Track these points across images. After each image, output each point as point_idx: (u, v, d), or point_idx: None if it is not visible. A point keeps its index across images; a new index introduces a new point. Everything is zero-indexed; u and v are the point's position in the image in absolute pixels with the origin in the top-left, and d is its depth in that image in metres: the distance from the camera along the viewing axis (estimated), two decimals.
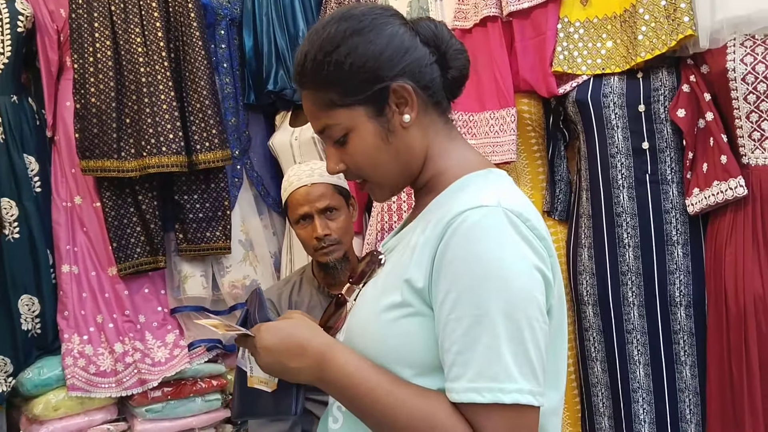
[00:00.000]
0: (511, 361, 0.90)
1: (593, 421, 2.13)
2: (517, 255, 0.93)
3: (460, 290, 0.92)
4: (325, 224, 1.94)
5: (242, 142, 2.73)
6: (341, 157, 1.09)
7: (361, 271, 1.14)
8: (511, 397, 0.89)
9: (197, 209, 2.52)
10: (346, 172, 1.11)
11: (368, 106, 1.04)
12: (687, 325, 1.99)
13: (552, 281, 0.99)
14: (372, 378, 0.97)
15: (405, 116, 1.04)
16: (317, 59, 1.04)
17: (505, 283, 0.91)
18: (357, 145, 1.06)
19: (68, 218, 2.51)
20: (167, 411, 2.47)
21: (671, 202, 1.99)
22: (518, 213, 0.96)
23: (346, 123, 1.05)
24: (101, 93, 2.37)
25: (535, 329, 0.93)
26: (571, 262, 2.17)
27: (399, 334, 0.99)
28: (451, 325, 0.92)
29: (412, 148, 1.07)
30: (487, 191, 1.00)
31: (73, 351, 2.40)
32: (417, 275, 0.97)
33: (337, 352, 1.01)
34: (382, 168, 1.08)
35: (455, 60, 1.09)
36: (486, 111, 2.19)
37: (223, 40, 2.70)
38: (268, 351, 1.02)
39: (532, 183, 2.26)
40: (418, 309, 0.98)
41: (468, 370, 0.91)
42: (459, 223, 0.94)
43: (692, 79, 1.95)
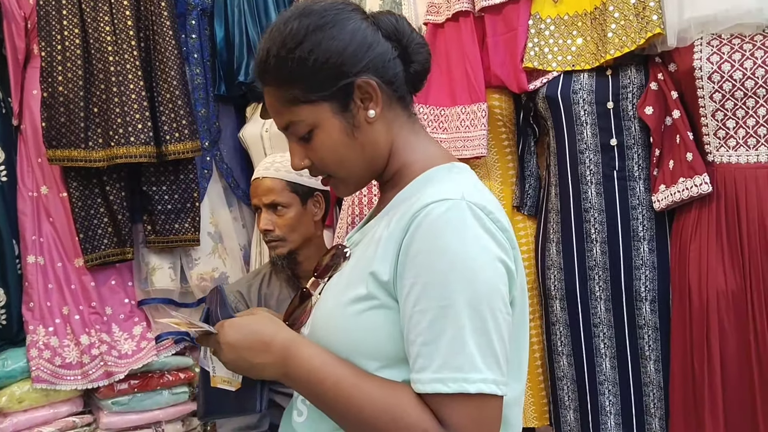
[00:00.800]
0: (476, 351, 0.91)
1: (559, 414, 2.16)
2: (480, 247, 0.94)
3: (425, 283, 0.93)
4: (268, 219, 1.96)
5: (212, 134, 2.71)
6: (306, 153, 1.09)
7: (326, 265, 1.14)
8: (475, 387, 0.91)
9: (166, 200, 2.50)
10: (310, 168, 1.10)
11: (333, 102, 1.04)
12: (651, 320, 2.02)
13: (515, 273, 1.00)
14: (337, 372, 0.98)
15: (370, 111, 1.05)
16: (280, 55, 1.03)
17: (469, 275, 0.92)
18: (322, 142, 1.06)
19: (34, 208, 2.47)
20: (134, 404, 2.46)
21: (638, 198, 2.02)
22: (481, 206, 0.97)
23: (311, 119, 1.05)
24: (69, 81, 2.34)
25: (499, 320, 0.94)
26: (539, 256, 2.19)
27: (364, 327, 1.00)
28: (416, 318, 0.93)
29: (377, 142, 1.08)
30: (450, 184, 1.01)
31: (38, 343, 2.37)
32: (382, 268, 0.98)
33: (301, 346, 1.01)
34: (348, 164, 1.08)
35: (417, 54, 1.09)
36: (457, 106, 2.19)
37: (194, 30, 2.67)
38: (232, 347, 1.02)
39: (502, 178, 2.27)
40: (383, 302, 0.99)
41: (433, 361, 0.92)
42: (423, 216, 0.95)
43: (660, 77, 1.97)
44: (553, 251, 2.13)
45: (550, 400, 2.22)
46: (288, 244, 1.97)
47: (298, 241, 1.98)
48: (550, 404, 2.23)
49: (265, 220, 1.96)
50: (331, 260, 1.14)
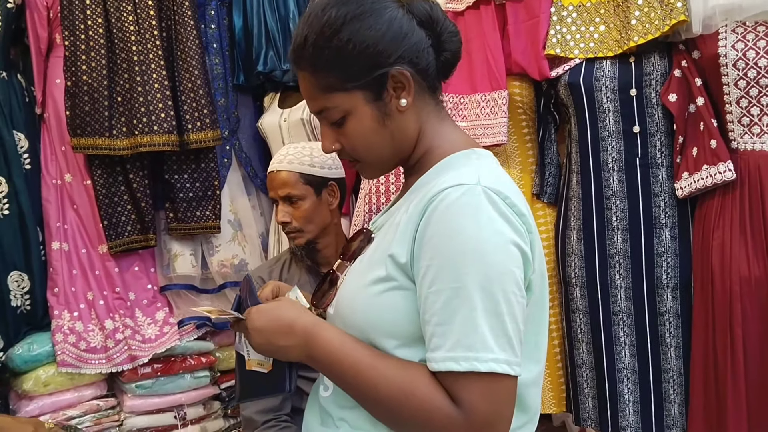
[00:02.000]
0: (488, 331, 0.94)
1: (578, 401, 2.17)
2: (493, 231, 0.96)
3: (440, 265, 0.96)
4: (285, 212, 1.98)
5: (231, 123, 2.72)
6: (337, 137, 1.11)
7: (353, 249, 1.17)
8: (486, 366, 0.93)
9: (187, 188, 2.52)
10: (340, 151, 1.13)
11: (367, 90, 1.06)
12: (673, 307, 2.03)
13: (531, 257, 1.02)
14: (355, 353, 1.02)
15: (402, 101, 1.07)
16: (317, 43, 1.05)
17: (481, 257, 0.95)
18: (354, 128, 1.08)
19: (58, 196, 2.49)
20: (157, 387, 2.49)
21: (660, 185, 2.02)
22: (497, 191, 0.99)
23: (345, 106, 1.07)
24: (92, 71, 2.36)
25: (512, 302, 0.96)
26: (559, 244, 2.20)
27: (383, 307, 1.03)
28: (431, 298, 0.96)
29: (407, 130, 1.10)
30: (468, 170, 1.03)
31: (63, 327, 2.40)
32: (400, 251, 1.01)
33: (321, 330, 1.05)
34: (377, 150, 1.11)
35: (449, 43, 1.11)
36: (477, 93, 2.20)
37: (213, 20, 2.68)
38: (259, 331, 1.07)
39: (521, 166, 2.28)
40: (401, 283, 1.02)
41: (447, 341, 0.95)
42: (439, 200, 0.98)
43: (684, 65, 1.97)
44: (573, 239, 2.13)
45: (569, 386, 2.23)
46: (306, 235, 1.99)
47: (315, 231, 2.00)
48: (568, 391, 2.24)
49: (282, 212, 1.98)
50: (358, 244, 1.17)
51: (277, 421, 1.90)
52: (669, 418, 2.03)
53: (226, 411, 2.70)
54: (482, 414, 0.94)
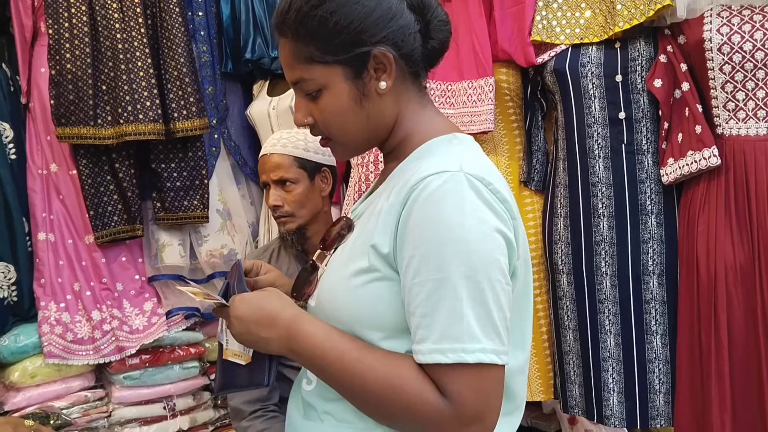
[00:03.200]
0: (474, 322, 0.92)
1: (565, 389, 2.17)
2: (477, 219, 0.94)
3: (423, 255, 0.94)
4: (277, 195, 1.96)
5: (219, 111, 2.71)
6: (311, 110, 1.08)
7: (332, 238, 1.15)
8: (474, 357, 0.91)
9: (174, 178, 2.50)
10: (312, 126, 1.10)
11: (346, 67, 1.03)
12: (659, 293, 2.02)
13: (515, 244, 1.00)
14: (339, 346, 0.99)
15: (381, 83, 1.04)
16: (302, 11, 1.02)
17: (465, 246, 0.93)
18: (329, 104, 1.05)
19: (44, 186, 2.48)
20: (145, 378, 2.48)
21: (646, 171, 2.01)
22: (480, 177, 0.97)
23: (322, 80, 1.04)
24: (77, 59, 2.33)
25: (497, 291, 0.94)
26: (546, 231, 2.19)
27: (367, 299, 1.01)
28: (415, 290, 0.94)
29: (384, 114, 1.07)
30: (449, 156, 1.01)
31: (49, 318, 2.40)
32: (382, 241, 0.99)
33: (304, 322, 1.03)
34: (350, 130, 1.08)
35: (438, 31, 1.08)
36: (464, 80, 2.19)
37: (200, 7, 2.65)
38: (240, 320, 1.05)
39: (509, 153, 2.27)
40: (384, 274, 0.99)
41: (432, 333, 0.93)
42: (421, 189, 0.95)
43: (669, 50, 1.96)
44: (560, 226, 2.13)
45: (557, 374, 2.23)
46: (297, 220, 1.98)
47: (306, 217, 1.99)
48: (556, 378, 2.24)
49: (274, 196, 1.97)
50: (337, 232, 1.14)
51: (264, 411, 1.90)
52: (654, 408, 2.03)
53: (215, 402, 2.70)
54: (471, 405, 0.93)
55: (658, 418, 2.04)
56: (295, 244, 2.04)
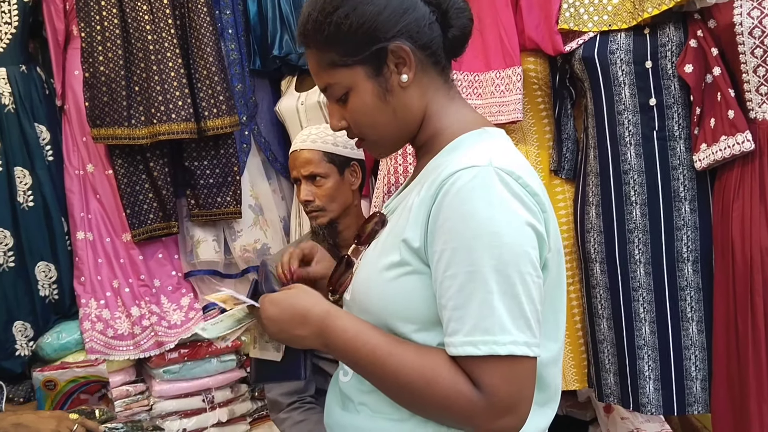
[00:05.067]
0: (505, 314, 0.94)
1: (600, 377, 2.17)
2: (507, 212, 0.96)
3: (454, 248, 0.95)
4: (308, 190, 1.99)
5: (249, 108, 2.74)
6: (343, 114, 1.12)
7: (366, 233, 1.18)
8: (506, 349, 0.93)
9: (207, 175, 2.54)
10: (347, 129, 1.13)
11: (367, 66, 1.06)
12: (694, 280, 2.01)
13: (546, 236, 1.02)
14: (371, 340, 1.02)
15: (403, 76, 1.07)
16: (318, 20, 1.06)
17: (496, 239, 0.94)
18: (356, 104, 1.09)
19: (81, 186, 2.54)
20: (184, 372, 2.53)
21: (678, 158, 2.00)
22: (509, 171, 0.98)
23: (346, 82, 1.08)
24: (110, 61, 2.38)
25: (528, 283, 0.96)
26: (578, 220, 2.18)
27: (399, 292, 1.03)
28: (447, 283, 0.96)
29: (410, 107, 1.10)
30: (479, 151, 1.02)
31: (90, 315, 2.46)
32: (413, 235, 1.01)
33: (335, 318, 1.05)
34: (380, 126, 1.10)
35: (456, 19, 1.10)
36: (491, 71, 2.18)
37: (227, 5, 2.68)
38: (273, 321, 1.08)
39: (538, 142, 2.26)
40: (416, 267, 1.02)
41: (464, 325, 0.95)
42: (451, 183, 0.97)
43: (699, 34, 1.93)
44: (592, 214, 2.12)
45: (591, 362, 2.23)
46: (328, 214, 2.00)
47: (337, 211, 2.01)
48: (590, 367, 2.24)
49: (305, 191, 2.00)
50: (371, 227, 1.17)
51: (301, 403, 1.93)
52: (691, 395, 2.02)
53: (253, 394, 2.74)
54: (504, 397, 0.94)
55: (696, 404, 2.03)
56: (327, 238, 2.06)
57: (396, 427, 1.06)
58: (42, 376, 1.92)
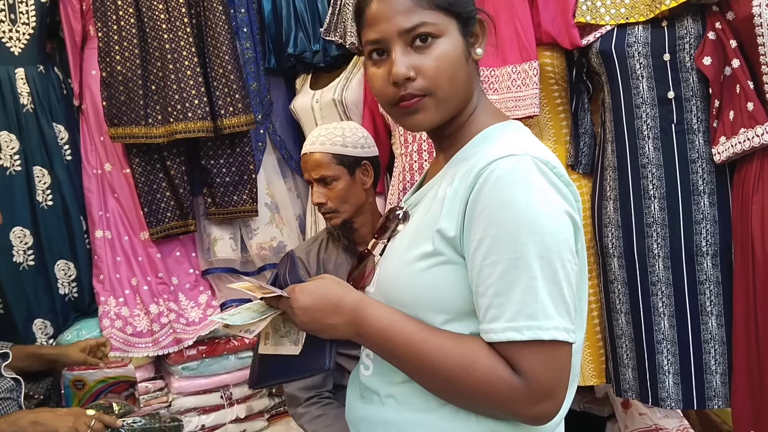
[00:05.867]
0: (548, 300, 0.94)
1: (618, 372, 2.16)
2: (547, 200, 0.96)
3: (494, 236, 0.95)
4: (320, 193, 2.00)
5: (264, 107, 2.75)
6: (413, 62, 1.04)
7: (382, 226, 1.18)
8: (549, 334, 0.94)
9: (224, 173, 2.56)
10: (414, 80, 1.05)
11: (460, 22, 1.07)
12: (713, 274, 1.99)
13: (579, 225, 1.03)
14: (405, 329, 1.02)
15: (478, 50, 1.09)
16: None
17: (537, 227, 0.94)
18: (445, 50, 1.04)
19: (99, 185, 2.56)
20: (202, 368, 2.55)
21: (697, 151, 1.98)
22: (545, 161, 0.99)
23: (442, 27, 1.04)
24: (126, 61, 2.40)
25: (568, 270, 0.97)
26: (596, 214, 2.18)
27: (431, 282, 1.03)
28: (487, 270, 0.96)
29: (473, 82, 1.10)
30: (513, 141, 1.02)
31: (109, 313, 2.48)
32: (448, 225, 1.01)
33: (367, 306, 1.05)
34: (456, 83, 1.06)
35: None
36: (508, 65, 2.18)
37: (242, 4, 2.70)
38: (305, 310, 1.06)
39: (555, 137, 2.25)
40: (449, 257, 1.01)
41: (505, 311, 0.95)
42: (489, 172, 0.97)
43: (718, 27, 1.92)
44: (610, 209, 2.11)
45: (609, 358, 2.22)
46: (341, 215, 2.01)
47: (350, 211, 2.01)
48: (608, 362, 2.23)
49: (317, 193, 2.00)
50: (388, 221, 1.17)
51: (319, 398, 1.94)
52: (710, 389, 2.01)
53: (270, 390, 2.76)
54: (544, 382, 0.95)
55: (715, 399, 2.01)
56: (342, 237, 2.07)
57: (424, 418, 1.05)
58: (71, 375, 1.94)
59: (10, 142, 2.38)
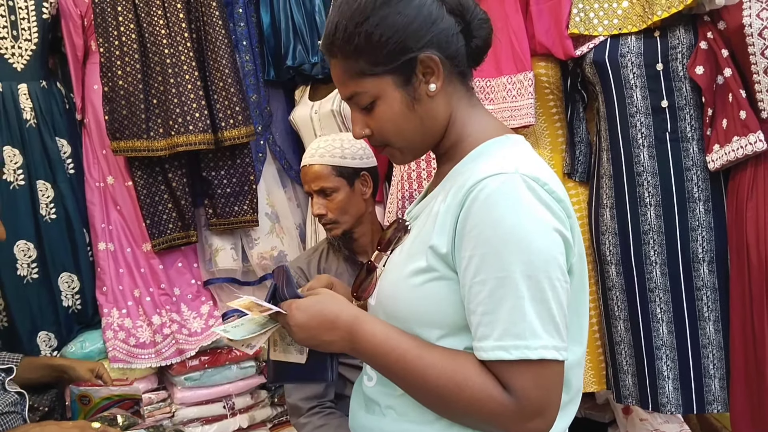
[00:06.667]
0: (536, 319, 0.95)
1: (618, 379, 2.17)
2: (535, 219, 0.97)
3: (483, 255, 0.96)
4: (320, 204, 2.01)
5: (264, 118, 2.77)
6: (367, 122, 1.12)
7: (387, 239, 1.19)
8: (537, 354, 0.94)
9: (225, 184, 2.58)
10: (370, 137, 1.14)
11: (396, 75, 1.07)
12: (710, 280, 2.01)
13: (572, 242, 1.03)
14: (401, 345, 1.03)
15: (431, 85, 1.08)
16: (348, 30, 1.06)
17: (525, 245, 0.95)
18: (383, 113, 1.09)
19: (102, 198, 2.58)
20: (205, 379, 2.55)
21: (692, 159, 2.01)
22: (535, 178, 1.00)
23: (374, 91, 1.08)
24: (128, 75, 2.42)
25: (557, 288, 0.97)
26: (593, 222, 2.20)
27: (426, 297, 1.04)
28: (476, 288, 0.97)
29: (436, 115, 1.11)
30: (505, 158, 1.03)
31: (113, 324, 2.49)
32: (440, 241, 1.02)
33: (363, 322, 1.06)
34: (406, 134, 1.11)
35: (479, 30, 1.11)
36: (503, 76, 2.20)
37: (241, 18, 2.72)
38: (301, 327, 1.07)
39: (551, 146, 2.28)
40: (442, 273, 1.03)
41: (494, 330, 0.96)
42: (479, 190, 0.98)
43: (710, 36, 1.95)
44: (606, 216, 2.14)
45: (609, 364, 2.24)
46: (341, 226, 2.02)
47: (350, 222, 2.03)
48: (608, 369, 2.25)
49: (317, 205, 2.02)
50: (393, 234, 1.18)
51: (321, 408, 1.95)
52: (710, 393, 2.03)
53: (273, 399, 2.77)
54: (534, 400, 0.96)
55: (715, 403, 2.03)
56: (342, 248, 2.09)
57: (422, 430, 1.07)
58: (78, 391, 1.97)
59: (14, 156, 2.40)
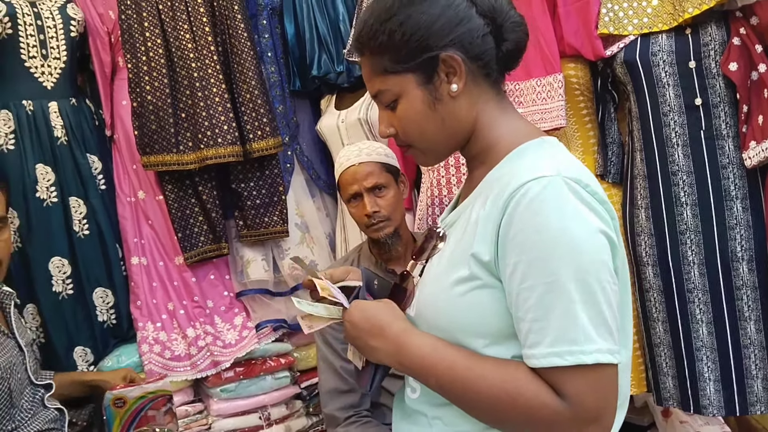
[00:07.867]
0: (588, 323, 0.93)
1: (658, 381, 2.14)
2: (581, 221, 0.96)
3: (529, 260, 0.95)
4: (373, 201, 1.99)
5: (291, 129, 2.78)
6: (391, 120, 1.14)
7: (421, 247, 1.18)
8: (592, 358, 0.93)
9: (254, 196, 2.59)
10: (395, 136, 1.15)
11: (418, 73, 1.08)
12: (750, 279, 1.98)
13: (617, 243, 1.02)
14: (448, 357, 1.02)
15: (453, 86, 1.08)
16: (373, 27, 1.09)
17: (572, 249, 0.94)
18: (405, 111, 1.11)
19: (133, 212, 2.60)
20: (240, 390, 2.55)
21: (728, 157, 1.98)
22: (577, 180, 0.98)
23: (396, 89, 1.10)
24: (156, 90, 2.44)
25: (607, 291, 0.95)
26: (628, 223, 2.17)
27: (470, 307, 1.03)
28: (524, 294, 0.95)
29: (459, 117, 1.10)
30: (544, 161, 1.01)
31: (148, 338, 2.51)
32: (482, 249, 1.01)
33: (412, 335, 1.06)
34: (428, 134, 1.12)
35: (511, 32, 1.10)
36: (532, 79, 2.19)
37: (265, 29, 2.74)
38: (353, 325, 1.10)
39: (583, 147, 2.26)
40: (485, 281, 1.01)
41: (546, 336, 0.94)
42: (521, 195, 0.97)
43: (742, 32, 1.92)
44: (642, 217, 2.11)
45: (648, 366, 2.21)
46: (393, 223, 2.01)
47: (399, 219, 2.03)
48: (647, 371, 2.22)
49: (370, 202, 1.99)
50: (426, 242, 1.17)
51: (358, 417, 1.95)
52: (752, 394, 1.99)
53: (308, 409, 2.77)
54: (590, 406, 0.94)
55: (758, 404, 1.99)
56: (373, 255, 2.08)
57: None
58: (112, 395, 1.99)
59: (46, 174, 2.43)
